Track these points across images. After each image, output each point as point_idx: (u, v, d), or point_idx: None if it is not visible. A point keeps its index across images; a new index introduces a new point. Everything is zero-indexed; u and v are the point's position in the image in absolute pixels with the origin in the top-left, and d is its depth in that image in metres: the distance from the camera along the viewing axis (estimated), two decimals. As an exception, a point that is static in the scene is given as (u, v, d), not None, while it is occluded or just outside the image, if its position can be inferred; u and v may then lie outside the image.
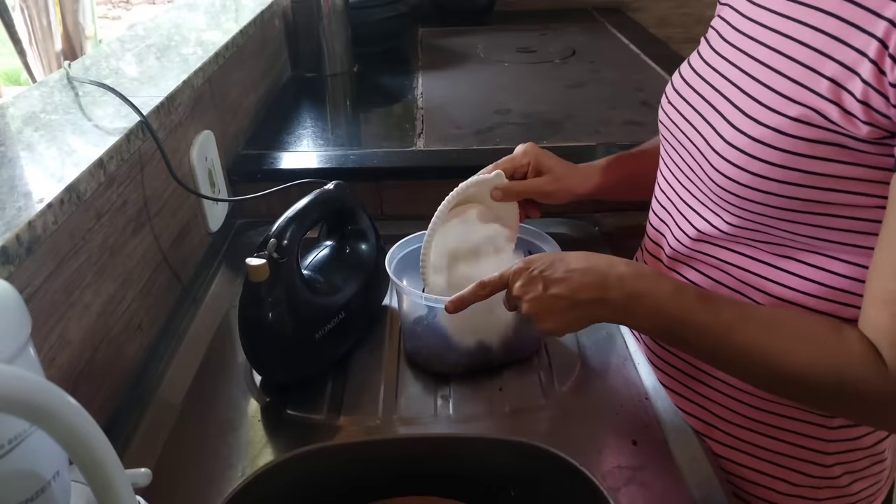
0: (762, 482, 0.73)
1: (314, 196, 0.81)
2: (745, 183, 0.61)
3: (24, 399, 0.31)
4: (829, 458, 0.70)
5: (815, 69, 0.57)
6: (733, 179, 0.62)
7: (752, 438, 0.72)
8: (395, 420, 0.75)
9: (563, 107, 1.37)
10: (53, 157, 0.71)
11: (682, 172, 0.72)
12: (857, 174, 0.56)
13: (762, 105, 0.60)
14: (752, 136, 0.60)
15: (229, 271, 1.00)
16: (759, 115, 0.60)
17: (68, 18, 4.24)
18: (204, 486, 0.67)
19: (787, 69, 0.59)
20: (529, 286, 0.66)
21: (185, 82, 0.94)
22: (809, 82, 0.57)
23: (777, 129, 0.58)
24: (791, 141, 0.57)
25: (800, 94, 0.57)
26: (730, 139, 0.62)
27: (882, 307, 0.53)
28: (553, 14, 2.12)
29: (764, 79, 0.61)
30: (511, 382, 0.80)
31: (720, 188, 0.64)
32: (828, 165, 0.57)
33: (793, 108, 0.57)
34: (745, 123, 0.61)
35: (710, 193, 0.66)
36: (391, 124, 1.36)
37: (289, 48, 1.64)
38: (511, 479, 0.74)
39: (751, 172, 0.60)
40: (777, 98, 0.59)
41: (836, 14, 0.56)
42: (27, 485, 0.39)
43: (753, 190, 0.61)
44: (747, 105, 0.62)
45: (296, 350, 0.77)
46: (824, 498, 0.72)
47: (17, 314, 0.38)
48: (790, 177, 0.58)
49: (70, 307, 0.67)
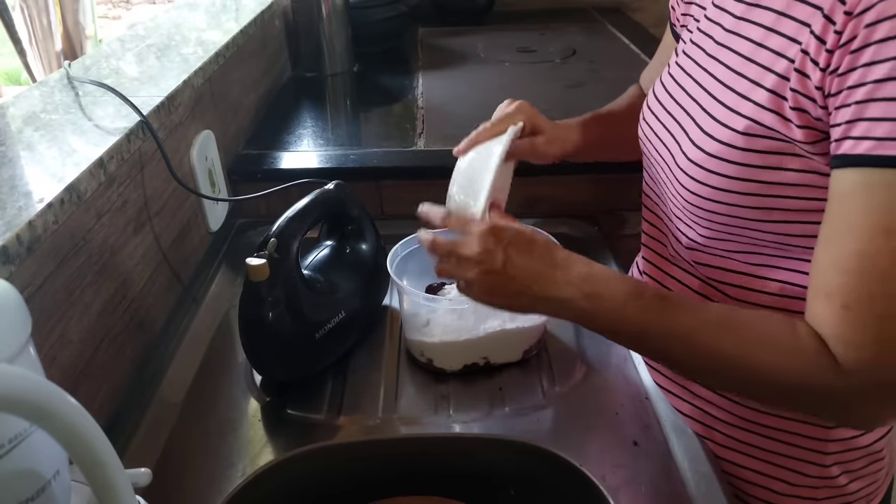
0: (760, 482, 0.73)
1: (314, 196, 0.81)
2: (707, 196, 0.62)
3: (24, 398, 0.31)
4: (827, 458, 0.70)
5: (757, 81, 0.59)
6: (696, 194, 0.63)
7: (750, 439, 0.72)
8: (395, 420, 0.75)
9: (563, 106, 1.36)
10: (54, 157, 0.71)
11: (659, 186, 0.73)
12: (810, 180, 0.57)
13: (715, 120, 0.62)
14: (708, 152, 0.61)
15: (229, 271, 1.01)
16: (713, 130, 0.61)
17: (68, 18, 4.24)
18: (204, 486, 0.67)
19: (733, 82, 0.61)
20: (489, 257, 0.61)
21: (186, 82, 0.94)
22: (751, 94, 0.59)
23: (728, 143, 0.60)
24: (742, 153, 0.59)
25: (742, 107, 0.59)
26: (690, 155, 0.64)
27: (826, 302, 0.53)
28: (553, 14, 2.12)
29: (715, 93, 0.63)
30: (511, 382, 0.80)
31: (686, 202, 0.65)
32: (781, 174, 0.58)
33: (738, 120, 0.59)
34: (702, 139, 0.62)
35: (680, 207, 0.67)
36: (391, 124, 1.36)
37: (289, 48, 1.64)
38: (511, 479, 0.74)
39: (710, 186, 0.61)
40: (725, 111, 0.61)
41: (775, 28, 0.59)
42: (27, 484, 0.39)
43: (716, 202, 0.62)
44: (704, 120, 0.63)
45: (296, 350, 0.77)
46: (823, 497, 0.72)
47: (18, 314, 0.38)
48: (748, 188, 0.59)
49: (70, 307, 0.67)
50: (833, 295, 0.52)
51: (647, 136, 0.75)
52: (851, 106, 0.50)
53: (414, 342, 0.82)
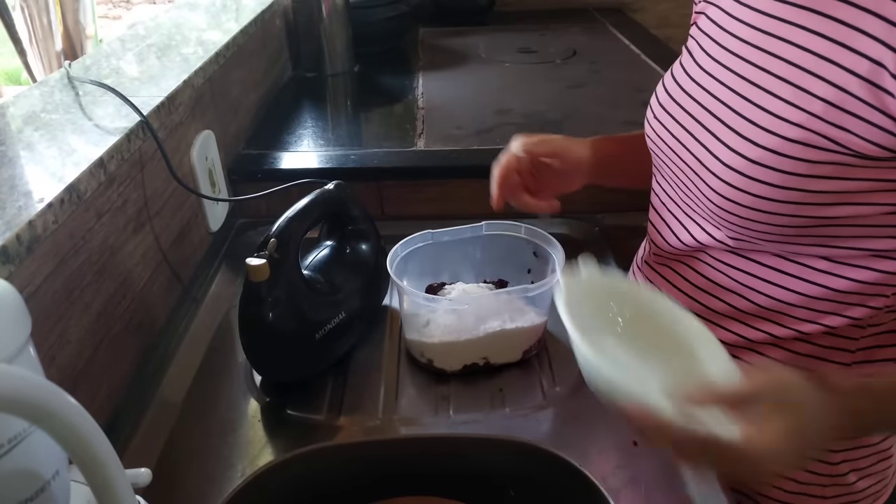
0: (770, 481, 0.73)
1: (314, 196, 0.81)
2: (745, 204, 0.60)
3: (23, 398, 0.31)
4: (836, 456, 0.70)
5: (806, 89, 0.56)
6: (733, 201, 0.61)
7: None
8: (395, 420, 0.75)
9: (563, 107, 1.37)
10: (54, 157, 0.71)
11: (678, 188, 0.71)
12: (864, 188, 0.56)
13: (757, 126, 0.59)
14: (750, 158, 0.59)
15: (229, 271, 1.00)
16: (756, 136, 0.59)
17: (69, 18, 4.23)
18: (204, 486, 0.67)
19: (777, 89, 0.59)
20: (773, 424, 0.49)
21: (186, 82, 0.94)
22: (802, 102, 0.56)
23: (775, 151, 0.58)
24: (790, 162, 0.57)
25: (795, 115, 0.57)
26: (727, 161, 0.61)
27: None
28: (553, 14, 2.12)
29: (755, 98, 0.61)
30: (511, 382, 0.80)
31: (720, 209, 0.63)
32: (832, 183, 0.56)
33: (790, 129, 0.57)
34: (742, 145, 0.60)
35: (709, 212, 0.65)
36: (392, 124, 1.36)
37: (289, 48, 1.64)
38: (511, 479, 0.73)
39: (751, 194, 0.60)
40: (772, 119, 0.58)
41: (835, 39, 0.55)
42: (27, 484, 0.39)
43: (754, 210, 0.60)
44: (742, 126, 0.61)
45: (296, 350, 0.77)
46: (831, 496, 0.72)
47: (17, 313, 0.38)
48: (792, 196, 0.58)
49: (70, 306, 0.67)
50: None
51: (661, 138, 0.72)
52: None
53: (414, 342, 0.82)
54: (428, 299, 0.81)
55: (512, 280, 0.90)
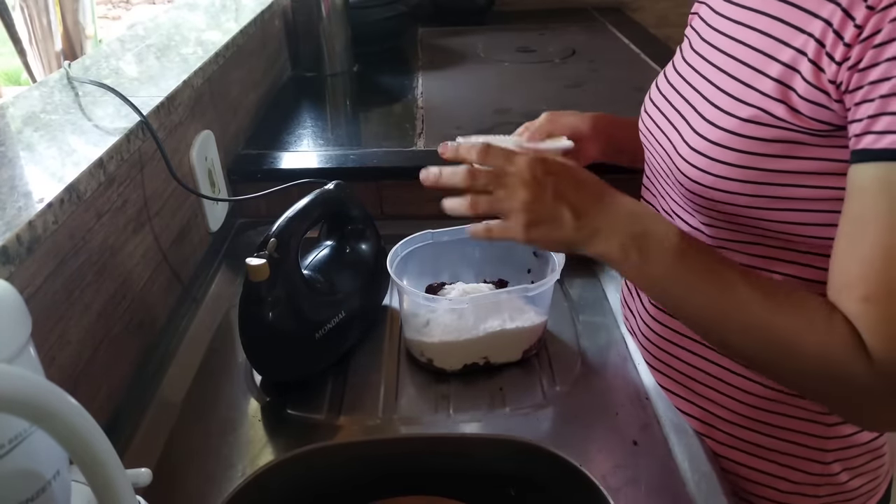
0: (763, 481, 0.73)
1: (314, 196, 0.81)
2: (708, 185, 0.62)
3: (24, 399, 0.31)
4: (828, 456, 0.70)
5: (761, 70, 0.59)
6: (698, 182, 0.63)
7: (752, 437, 0.72)
8: (395, 420, 0.75)
9: (562, 106, 1.35)
10: (53, 157, 0.71)
11: (659, 178, 0.73)
12: (816, 168, 0.57)
13: (717, 108, 0.62)
14: (710, 139, 0.62)
15: (229, 271, 1.01)
16: (715, 118, 0.62)
17: (68, 18, 4.24)
18: (204, 486, 0.67)
19: (737, 72, 0.62)
20: (537, 187, 0.60)
21: (185, 82, 0.94)
22: (756, 83, 0.59)
23: (730, 131, 0.60)
24: (745, 141, 0.59)
25: (748, 95, 0.59)
26: (692, 143, 0.64)
27: (846, 293, 0.53)
28: (553, 13, 2.12)
29: (718, 82, 0.63)
30: (511, 382, 0.80)
31: (688, 191, 0.65)
32: (785, 162, 0.58)
33: (743, 109, 0.59)
34: (704, 127, 0.63)
35: (682, 197, 0.67)
36: (391, 124, 1.36)
37: (289, 48, 1.64)
38: (511, 479, 0.74)
39: (712, 174, 0.61)
40: (729, 100, 0.61)
41: (779, 17, 0.59)
42: (27, 484, 0.39)
43: (717, 191, 0.62)
44: (706, 109, 0.63)
45: (296, 350, 0.77)
46: (824, 495, 0.72)
47: (18, 314, 0.38)
48: (750, 175, 0.59)
49: (70, 307, 0.67)
50: (853, 287, 0.52)
51: (647, 129, 0.75)
52: (875, 101, 0.50)
53: (414, 342, 0.82)
54: (428, 299, 0.81)
55: (512, 280, 0.90)
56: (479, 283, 0.89)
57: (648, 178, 0.79)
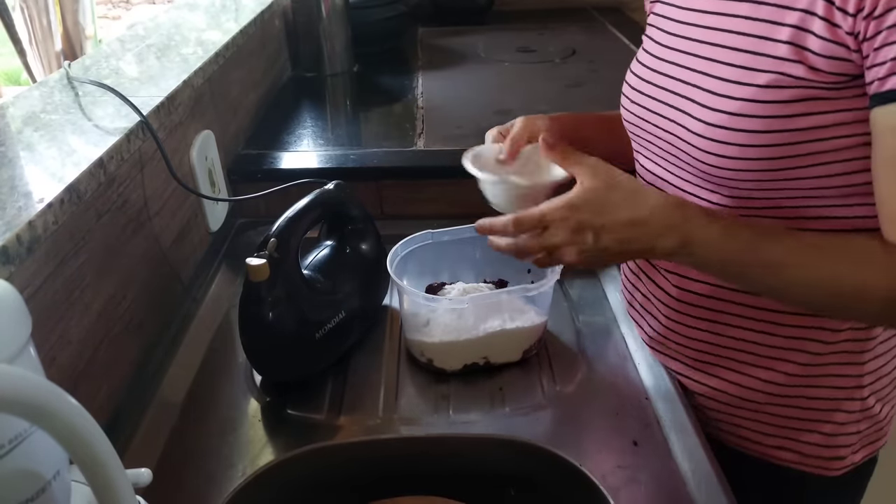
0: (808, 427, 0.76)
1: (314, 196, 0.81)
2: (734, 156, 0.63)
3: (24, 399, 0.31)
4: (864, 391, 0.74)
5: (769, 37, 0.61)
6: (721, 155, 0.64)
7: (791, 392, 0.75)
8: (395, 420, 0.75)
9: (563, 106, 1.35)
10: (53, 157, 0.71)
11: (666, 161, 0.74)
12: (838, 119, 0.60)
13: (729, 81, 0.64)
14: (728, 111, 0.63)
15: (229, 271, 1.01)
16: (729, 90, 0.63)
17: (68, 18, 4.24)
18: (204, 486, 0.67)
19: (740, 44, 0.63)
20: (578, 236, 0.64)
21: (186, 82, 0.94)
22: (766, 49, 0.61)
23: (748, 99, 0.62)
24: (765, 106, 0.61)
25: (760, 63, 0.61)
26: (708, 119, 0.65)
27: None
28: (553, 13, 2.12)
29: (720, 58, 0.65)
30: (511, 382, 0.80)
31: (711, 167, 0.66)
32: (807, 119, 0.60)
33: (758, 76, 0.61)
34: (718, 101, 0.64)
35: (701, 175, 0.68)
36: (391, 124, 1.36)
37: (289, 48, 1.64)
38: (511, 479, 0.74)
39: (737, 144, 0.63)
40: (740, 71, 0.63)
41: None
42: (28, 484, 0.39)
43: (741, 160, 0.63)
44: (714, 85, 0.65)
45: (296, 350, 0.77)
46: (865, 429, 0.77)
47: (18, 314, 0.38)
48: (775, 139, 0.61)
49: (70, 307, 0.67)
50: None
51: (639, 116, 0.75)
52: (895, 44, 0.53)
53: (414, 342, 0.82)
54: (428, 299, 0.81)
55: (512, 280, 0.90)
56: (480, 283, 0.89)
57: (644, 165, 0.79)
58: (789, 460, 0.78)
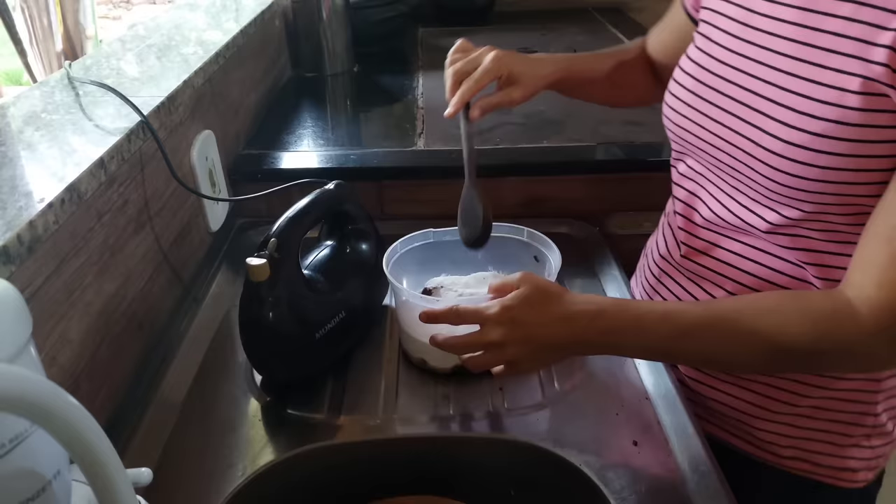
0: (820, 438, 0.77)
1: (315, 196, 0.81)
2: (813, 178, 0.62)
3: (24, 398, 0.31)
4: (877, 408, 0.75)
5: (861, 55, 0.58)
6: (801, 177, 0.62)
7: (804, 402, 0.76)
8: (395, 420, 0.75)
9: (563, 107, 1.36)
10: (54, 157, 0.71)
11: (721, 171, 0.72)
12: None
13: (813, 100, 0.61)
14: (813, 132, 0.61)
15: (230, 271, 1.01)
16: (814, 110, 0.61)
17: (69, 18, 4.23)
18: (204, 486, 0.67)
19: (826, 60, 0.61)
20: (513, 332, 0.65)
21: (186, 82, 0.94)
22: (853, 69, 0.58)
23: (838, 121, 0.59)
24: (856, 130, 0.59)
25: (850, 83, 0.59)
26: (788, 139, 0.62)
27: (885, 244, 0.57)
28: (553, 14, 2.12)
29: (803, 73, 0.62)
30: (511, 382, 0.80)
31: (785, 186, 0.64)
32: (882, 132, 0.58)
33: (849, 97, 0.59)
34: (801, 121, 0.62)
35: (763, 192, 0.67)
36: (391, 124, 1.36)
37: (289, 48, 1.64)
38: (511, 479, 0.74)
39: (818, 167, 0.61)
40: (828, 91, 0.60)
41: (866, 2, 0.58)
42: (28, 484, 0.39)
43: (821, 182, 0.62)
44: (796, 102, 0.62)
45: (296, 349, 0.77)
46: (877, 445, 0.78)
47: (18, 314, 0.38)
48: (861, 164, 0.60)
49: (71, 307, 0.67)
50: (894, 239, 0.57)
51: (693, 121, 0.73)
52: None
53: (409, 341, 0.82)
54: (424, 299, 0.81)
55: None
56: (485, 273, 0.89)
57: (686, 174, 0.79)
58: (804, 470, 0.79)
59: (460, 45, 0.85)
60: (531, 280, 0.66)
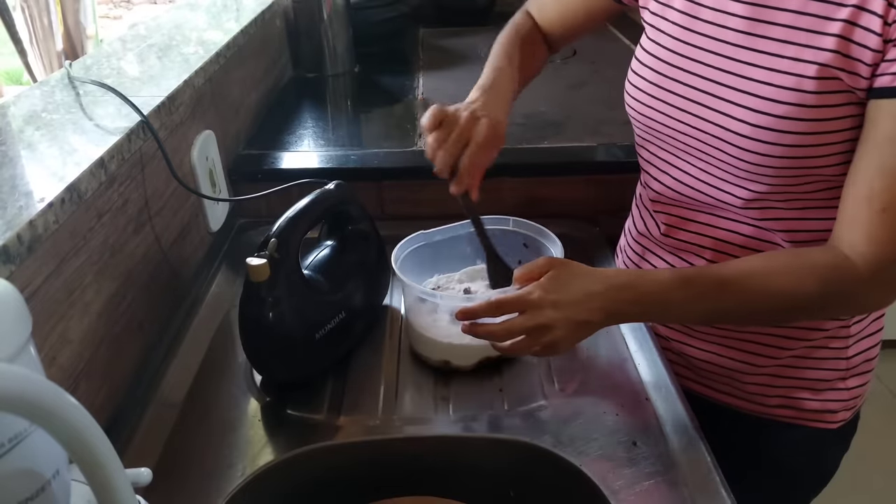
0: (800, 384, 0.83)
1: (315, 196, 0.81)
2: (779, 155, 0.68)
3: (24, 398, 0.31)
4: (849, 351, 0.82)
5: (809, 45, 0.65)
6: (767, 155, 0.69)
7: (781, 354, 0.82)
8: (395, 420, 0.75)
9: (563, 107, 1.36)
10: (54, 157, 0.71)
11: (688, 154, 0.77)
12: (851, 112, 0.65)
13: (775, 86, 0.67)
14: (777, 115, 0.67)
15: (230, 271, 1.01)
16: (775, 95, 0.67)
17: (69, 18, 4.23)
18: (204, 486, 0.67)
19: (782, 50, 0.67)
20: (556, 313, 0.66)
21: (186, 82, 0.94)
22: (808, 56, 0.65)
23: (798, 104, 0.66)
24: (815, 111, 0.66)
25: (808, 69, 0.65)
26: (754, 121, 0.68)
27: (866, 205, 0.64)
28: (554, 14, 2.11)
29: (762, 63, 0.68)
30: (511, 382, 0.80)
31: (753, 164, 0.70)
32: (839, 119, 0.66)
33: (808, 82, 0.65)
34: (763, 105, 0.68)
35: (737, 171, 0.72)
36: (392, 124, 1.36)
37: (290, 48, 1.64)
38: (511, 479, 0.74)
39: (783, 145, 0.67)
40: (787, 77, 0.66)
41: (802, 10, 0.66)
42: (27, 484, 0.39)
43: (788, 158, 0.68)
44: (758, 89, 0.68)
45: (296, 350, 0.77)
46: (853, 386, 0.84)
47: (18, 313, 0.38)
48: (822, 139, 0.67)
49: (71, 306, 0.67)
50: (874, 199, 0.63)
51: (656, 109, 0.78)
52: None
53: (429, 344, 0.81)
54: (434, 295, 0.81)
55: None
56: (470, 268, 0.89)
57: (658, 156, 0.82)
58: (789, 416, 0.85)
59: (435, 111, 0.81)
60: (556, 262, 0.69)
